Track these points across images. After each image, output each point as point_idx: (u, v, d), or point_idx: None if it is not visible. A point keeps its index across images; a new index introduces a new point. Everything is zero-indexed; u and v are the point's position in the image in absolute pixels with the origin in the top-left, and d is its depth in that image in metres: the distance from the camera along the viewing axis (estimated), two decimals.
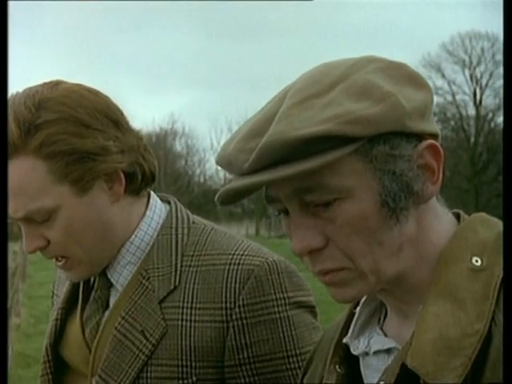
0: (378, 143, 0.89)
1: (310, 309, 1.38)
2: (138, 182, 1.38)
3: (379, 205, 0.89)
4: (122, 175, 1.34)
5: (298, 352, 1.32)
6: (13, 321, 9.76)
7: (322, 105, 0.88)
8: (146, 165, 1.38)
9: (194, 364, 1.29)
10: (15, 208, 1.29)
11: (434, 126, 0.96)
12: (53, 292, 1.61)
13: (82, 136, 1.29)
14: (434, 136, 0.95)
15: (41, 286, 15.22)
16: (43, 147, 1.27)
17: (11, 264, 10.79)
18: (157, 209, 1.42)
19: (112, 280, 1.39)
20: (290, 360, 1.31)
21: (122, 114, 1.38)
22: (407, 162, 0.91)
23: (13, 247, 13.01)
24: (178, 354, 1.29)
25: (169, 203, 1.45)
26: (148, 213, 1.41)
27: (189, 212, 1.45)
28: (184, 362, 1.29)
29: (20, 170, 1.28)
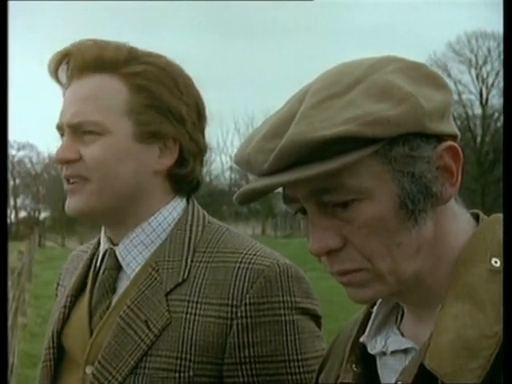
0: (397, 144, 0.89)
1: (315, 318, 1.37)
2: (183, 173, 1.41)
3: (398, 206, 0.89)
4: (177, 152, 1.39)
5: (299, 357, 1.31)
6: (19, 320, 9.77)
7: (342, 105, 0.88)
8: (195, 169, 1.43)
9: (192, 358, 1.29)
10: (76, 112, 1.35)
11: (453, 127, 0.95)
12: (58, 283, 1.62)
13: (172, 94, 1.38)
14: (454, 137, 0.94)
15: (47, 285, 15.24)
16: (137, 77, 1.36)
17: (17, 264, 10.80)
18: (182, 202, 1.45)
19: (119, 257, 1.40)
20: (291, 364, 1.30)
21: (206, 116, 1.45)
22: (426, 164, 0.90)
23: (19, 247, 13.05)
24: (179, 347, 1.29)
25: (187, 201, 1.47)
26: (172, 202, 1.43)
27: (205, 212, 1.46)
28: (183, 355, 1.29)
29: (106, 84, 1.36)
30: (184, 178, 1.43)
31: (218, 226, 1.42)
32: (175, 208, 1.42)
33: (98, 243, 1.51)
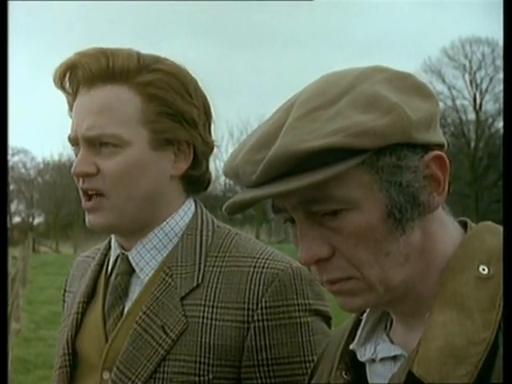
0: (384, 155, 0.89)
1: (327, 319, 1.40)
2: (197, 174, 1.44)
3: (385, 216, 0.90)
4: (192, 155, 1.41)
5: (314, 358, 1.32)
6: (12, 326, 9.73)
7: (329, 116, 0.89)
8: (208, 168, 1.46)
9: (211, 362, 1.31)
10: (91, 125, 1.35)
11: (440, 136, 0.96)
12: (65, 290, 1.63)
13: (183, 99, 1.39)
14: (441, 146, 0.95)
15: (41, 291, 15.20)
16: (149, 87, 1.37)
17: (11, 269, 10.79)
18: (192, 206, 1.46)
19: (132, 262, 1.41)
20: (307, 365, 1.33)
21: (212, 115, 1.47)
22: (413, 173, 0.91)
23: (13, 252, 13.03)
24: (197, 351, 1.32)
25: (195, 205, 1.48)
26: (183, 207, 1.45)
27: (213, 216, 1.48)
28: (202, 359, 1.31)
29: (118, 95, 1.37)
30: (198, 178, 1.45)
31: (228, 231, 1.44)
32: (186, 213, 1.44)
33: (107, 248, 1.51)
